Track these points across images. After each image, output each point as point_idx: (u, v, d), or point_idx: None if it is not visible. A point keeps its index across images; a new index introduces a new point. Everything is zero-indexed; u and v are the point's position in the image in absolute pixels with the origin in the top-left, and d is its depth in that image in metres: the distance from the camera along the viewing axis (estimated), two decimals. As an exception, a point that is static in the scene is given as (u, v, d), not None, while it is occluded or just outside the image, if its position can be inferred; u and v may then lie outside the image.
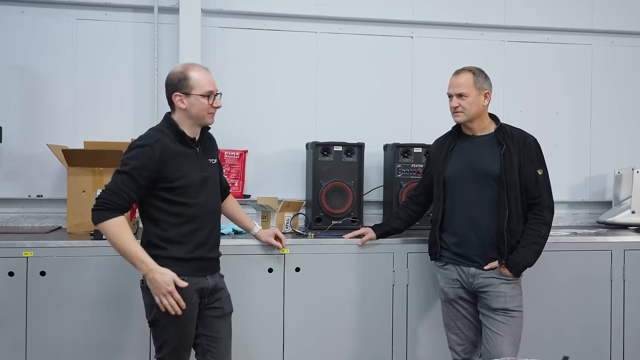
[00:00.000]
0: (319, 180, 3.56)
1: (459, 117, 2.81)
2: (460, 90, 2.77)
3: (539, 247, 2.75)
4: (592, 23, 4.26)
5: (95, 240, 3.01)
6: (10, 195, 3.70)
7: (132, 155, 2.39)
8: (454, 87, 2.79)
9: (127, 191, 2.36)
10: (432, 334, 3.25)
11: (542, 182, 2.78)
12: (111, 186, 2.38)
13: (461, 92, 2.76)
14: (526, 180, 2.74)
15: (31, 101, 3.75)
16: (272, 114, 3.97)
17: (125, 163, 2.38)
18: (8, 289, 2.93)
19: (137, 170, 2.36)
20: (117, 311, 3.01)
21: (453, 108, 2.80)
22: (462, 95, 2.76)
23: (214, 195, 2.59)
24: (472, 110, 2.78)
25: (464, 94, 2.76)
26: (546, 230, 2.77)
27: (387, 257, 3.24)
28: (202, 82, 2.47)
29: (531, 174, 2.75)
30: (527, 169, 2.75)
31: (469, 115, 2.79)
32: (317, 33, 4.02)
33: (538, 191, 2.76)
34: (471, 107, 2.77)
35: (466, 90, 2.76)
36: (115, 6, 3.79)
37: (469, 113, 2.78)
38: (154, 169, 2.38)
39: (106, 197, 2.36)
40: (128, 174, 2.36)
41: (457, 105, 2.77)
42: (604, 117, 4.31)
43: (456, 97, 2.78)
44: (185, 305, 2.40)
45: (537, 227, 2.75)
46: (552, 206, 2.80)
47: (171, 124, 2.48)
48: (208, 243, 2.55)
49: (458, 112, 2.79)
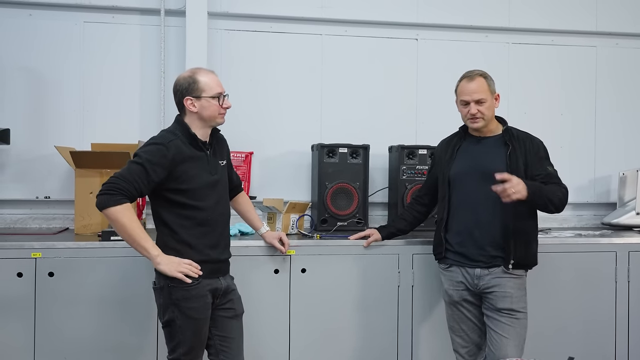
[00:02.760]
0: (324, 182, 3.57)
1: (478, 123, 2.78)
2: (478, 96, 2.74)
3: (550, 195, 2.67)
4: (596, 25, 4.27)
5: (103, 242, 3.03)
6: (19, 197, 3.73)
7: (148, 150, 2.41)
8: (471, 94, 2.75)
9: (138, 181, 2.37)
10: (437, 335, 3.26)
11: (555, 174, 2.78)
12: (124, 173, 2.37)
13: (480, 98, 2.74)
14: (537, 176, 2.73)
15: (39, 103, 3.77)
16: (277, 116, 3.99)
17: (140, 156, 2.40)
18: (17, 290, 2.96)
19: (151, 164, 2.38)
20: (124, 312, 3.03)
21: (471, 115, 2.76)
22: (480, 101, 2.75)
23: (223, 198, 2.63)
24: (490, 115, 2.78)
25: (482, 99, 2.74)
26: (561, 197, 2.71)
27: (392, 258, 3.25)
28: (212, 84, 2.52)
29: (542, 170, 2.75)
30: (537, 169, 2.75)
31: (487, 120, 2.78)
32: (322, 35, 4.04)
33: (553, 179, 2.75)
34: (489, 112, 2.77)
35: (484, 96, 2.74)
36: (122, 9, 3.82)
37: (487, 118, 2.78)
38: (166, 167, 2.41)
39: (116, 183, 2.35)
40: (142, 166, 2.37)
41: (477, 112, 2.75)
42: (608, 118, 4.32)
43: (474, 103, 2.75)
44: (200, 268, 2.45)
45: (555, 188, 2.72)
46: (567, 191, 2.76)
47: (184, 127, 2.52)
48: (220, 245, 2.59)
49: (477, 119, 2.76)
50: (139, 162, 2.39)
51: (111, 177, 2.38)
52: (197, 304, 2.48)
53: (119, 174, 2.38)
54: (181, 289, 2.45)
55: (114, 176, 2.38)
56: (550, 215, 4.05)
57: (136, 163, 2.39)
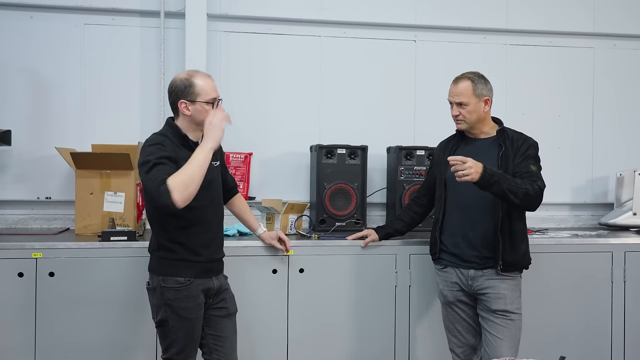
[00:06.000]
0: (322, 183, 3.60)
1: (460, 125, 2.84)
2: (459, 99, 2.79)
3: (511, 187, 2.58)
4: (594, 26, 4.29)
5: (103, 242, 3.06)
6: (20, 197, 3.76)
7: (150, 152, 2.39)
8: (454, 96, 2.82)
9: (168, 172, 2.32)
10: (434, 335, 3.28)
11: (536, 173, 2.73)
12: (151, 176, 2.32)
13: (461, 101, 2.78)
14: (517, 173, 2.70)
15: (40, 105, 3.80)
16: (276, 117, 4.01)
17: (148, 160, 2.36)
18: (18, 290, 2.99)
19: (161, 159, 2.36)
20: (124, 311, 3.06)
21: (454, 116, 2.84)
22: (461, 104, 2.79)
23: (217, 198, 2.64)
24: (473, 118, 2.81)
25: (463, 102, 2.78)
26: (528, 191, 2.62)
27: (389, 258, 3.28)
28: (207, 89, 2.51)
29: (524, 167, 2.72)
30: (519, 166, 2.73)
31: (470, 123, 2.82)
32: (321, 37, 4.06)
33: (531, 176, 2.68)
34: (471, 115, 2.80)
35: (465, 99, 2.78)
36: (122, 11, 3.85)
37: (470, 121, 2.81)
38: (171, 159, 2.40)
39: (156, 178, 2.29)
40: (157, 164, 2.34)
41: (458, 114, 2.81)
42: (605, 119, 4.33)
43: (456, 105, 2.81)
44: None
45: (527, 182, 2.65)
46: (542, 190, 2.68)
47: (174, 129, 2.53)
48: (213, 245, 2.61)
49: (459, 121, 2.83)
50: (152, 163, 2.34)
51: (148, 183, 2.32)
52: (190, 304, 2.51)
53: (148, 178, 2.32)
54: (173, 290, 2.48)
55: (149, 181, 2.31)
56: (547, 215, 4.16)
57: (152, 165, 2.34)
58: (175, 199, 2.26)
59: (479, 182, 2.55)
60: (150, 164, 2.34)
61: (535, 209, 2.73)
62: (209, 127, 2.43)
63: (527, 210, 2.77)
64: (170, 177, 2.29)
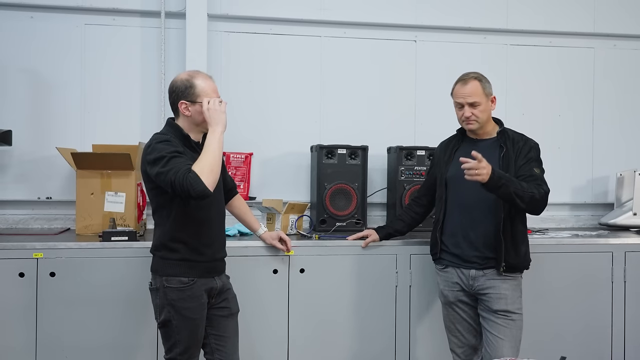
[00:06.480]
0: (323, 183, 3.60)
1: (472, 125, 2.81)
2: (472, 99, 2.76)
3: (518, 190, 2.59)
4: (594, 26, 4.29)
5: (104, 242, 3.07)
6: (20, 197, 3.76)
7: (161, 148, 2.39)
8: (465, 97, 2.78)
9: (188, 162, 2.33)
10: (435, 335, 3.28)
11: (540, 176, 2.75)
12: (171, 168, 2.31)
13: (474, 101, 2.76)
14: (520, 176, 2.70)
15: (40, 105, 3.81)
16: (277, 117, 4.02)
17: (162, 155, 2.35)
18: (19, 290, 2.99)
19: (174, 153, 2.36)
20: (125, 312, 3.06)
21: (466, 117, 2.80)
22: (474, 104, 2.77)
23: (218, 198, 2.64)
24: (484, 118, 2.81)
25: (476, 102, 2.76)
26: (534, 195, 2.63)
27: (390, 258, 3.28)
28: (208, 91, 2.51)
29: (527, 170, 2.73)
30: (523, 169, 2.74)
31: (481, 123, 2.81)
32: (321, 37, 4.06)
33: (536, 180, 2.69)
34: (483, 115, 2.79)
35: (478, 99, 2.76)
36: (122, 11, 3.85)
37: (482, 121, 2.80)
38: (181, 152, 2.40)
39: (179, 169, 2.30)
40: (173, 157, 2.34)
41: (471, 115, 2.78)
42: (606, 119, 4.34)
43: (468, 106, 2.78)
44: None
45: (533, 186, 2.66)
46: (547, 194, 2.70)
47: (176, 129, 2.53)
48: (215, 244, 2.61)
49: (472, 121, 2.80)
50: (167, 157, 2.34)
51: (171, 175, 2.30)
52: (193, 304, 2.51)
53: (168, 171, 2.32)
54: (176, 290, 2.48)
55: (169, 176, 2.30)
56: (548, 215, 4.16)
57: (168, 159, 2.33)
58: (207, 183, 2.29)
59: (487, 184, 2.55)
60: (166, 158, 2.35)
61: (540, 213, 2.74)
62: (210, 113, 2.43)
63: (532, 214, 2.77)
64: (194, 165, 2.32)
